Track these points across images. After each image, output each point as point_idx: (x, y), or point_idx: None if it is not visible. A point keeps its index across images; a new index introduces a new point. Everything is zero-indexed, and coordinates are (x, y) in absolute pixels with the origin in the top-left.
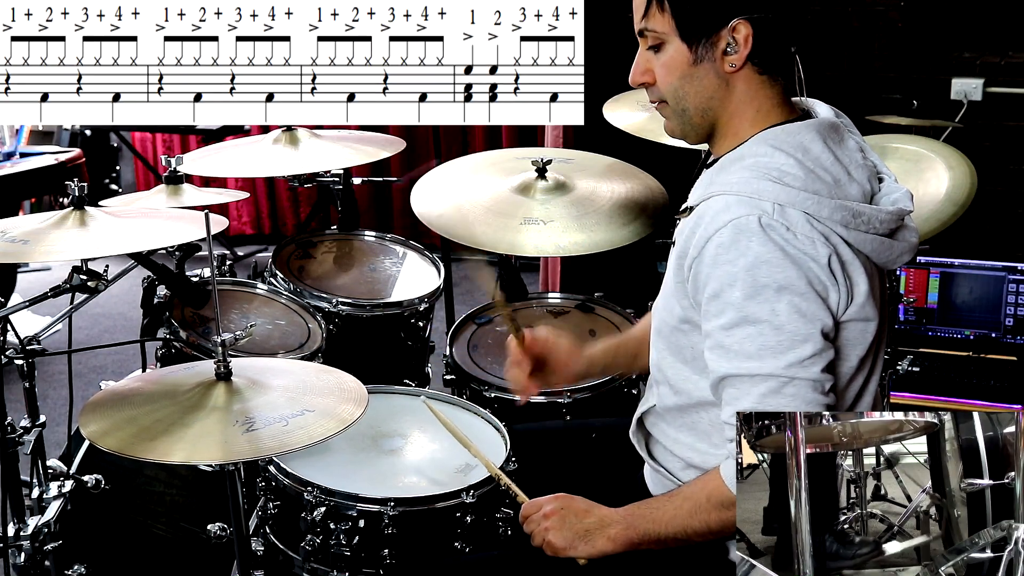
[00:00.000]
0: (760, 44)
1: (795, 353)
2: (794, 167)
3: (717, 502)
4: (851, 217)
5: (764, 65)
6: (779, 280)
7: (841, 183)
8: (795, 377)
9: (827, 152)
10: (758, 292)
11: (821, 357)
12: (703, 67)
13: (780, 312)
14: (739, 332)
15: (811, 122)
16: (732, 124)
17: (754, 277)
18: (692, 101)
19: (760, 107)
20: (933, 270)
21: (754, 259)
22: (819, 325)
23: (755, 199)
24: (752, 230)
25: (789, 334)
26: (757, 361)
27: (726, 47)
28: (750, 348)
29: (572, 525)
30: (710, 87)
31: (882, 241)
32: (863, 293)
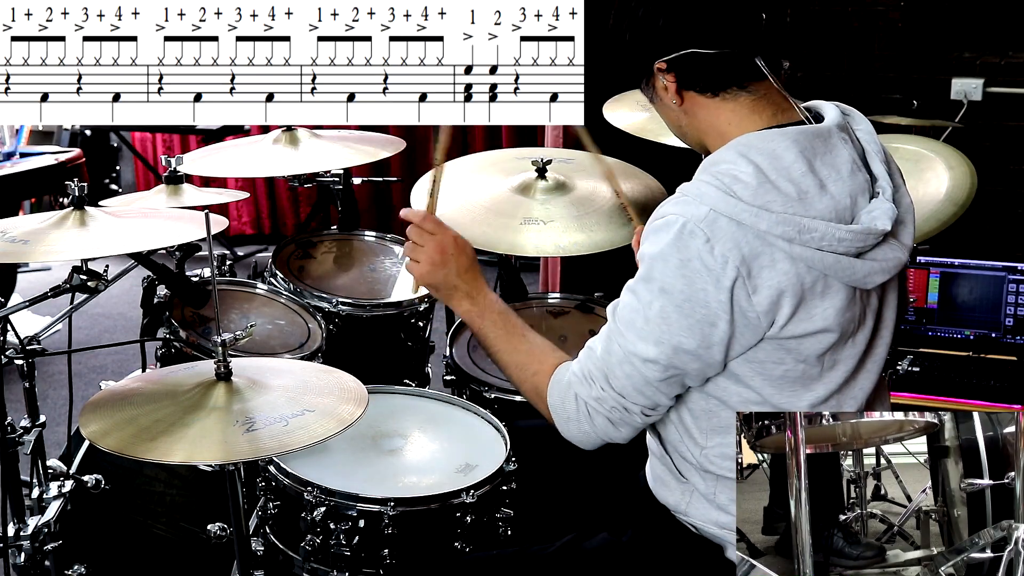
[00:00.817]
0: (689, 76)
1: (643, 346)
2: (751, 176)
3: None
4: (796, 233)
5: (710, 88)
6: (665, 283)
7: (807, 196)
8: (633, 365)
9: (800, 161)
10: (648, 280)
11: (662, 368)
12: (660, 104)
13: (652, 307)
14: (628, 296)
15: (789, 129)
16: (719, 139)
17: (651, 267)
18: (673, 129)
19: (730, 120)
20: (933, 270)
21: (658, 252)
22: (676, 340)
23: (695, 203)
24: (672, 229)
25: (649, 329)
26: (622, 326)
27: (665, 85)
28: (625, 314)
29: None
30: (674, 117)
31: (838, 259)
32: (786, 315)
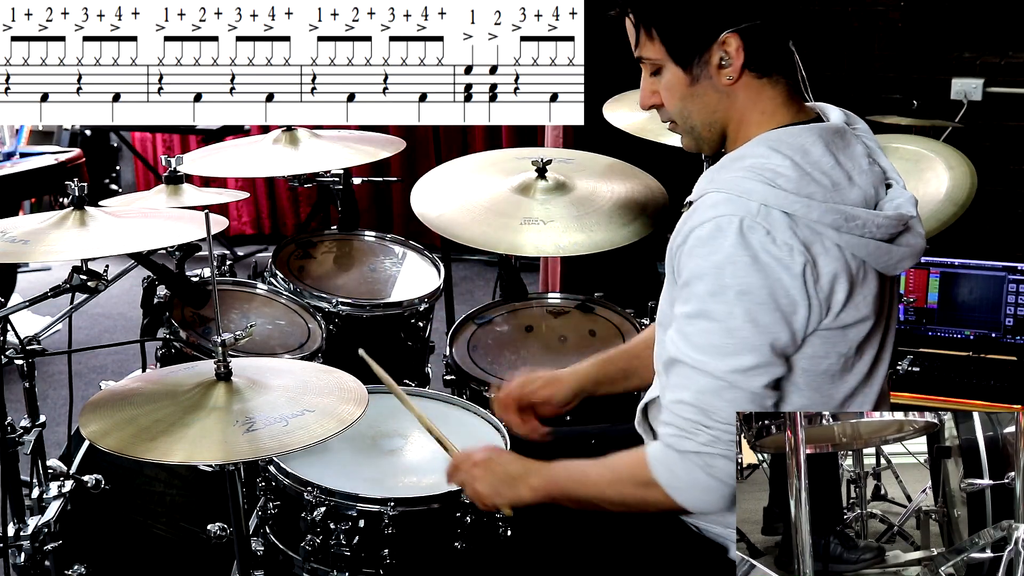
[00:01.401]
0: (753, 51)
1: (739, 360)
2: (789, 169)
3: (635, 479)
4: (843, 220)
5: (762, 69)
6: (742, 285)
7: (840, 187)
8: (734, 384)
9: (828, 156)
10: (720, 291)
11: (766, 371)
12: (702, 85)
13: (736, 316)
14: (697, 324)
15: (814, 126)
16: (741, 129)
17: (720, 276)
18: (698, 118)
19: (764, 109)
20: (933, 270)
21: (724, 258)
22: (770, 338)
23: (743, 199)
24: (730, 230)
25: (739, 340)
26: (706, 356)
27: (720, 61)
28: (701, 342)
29: (497, 473)
30: (712, 102)
31: (878, 246)
32: (840, 302)
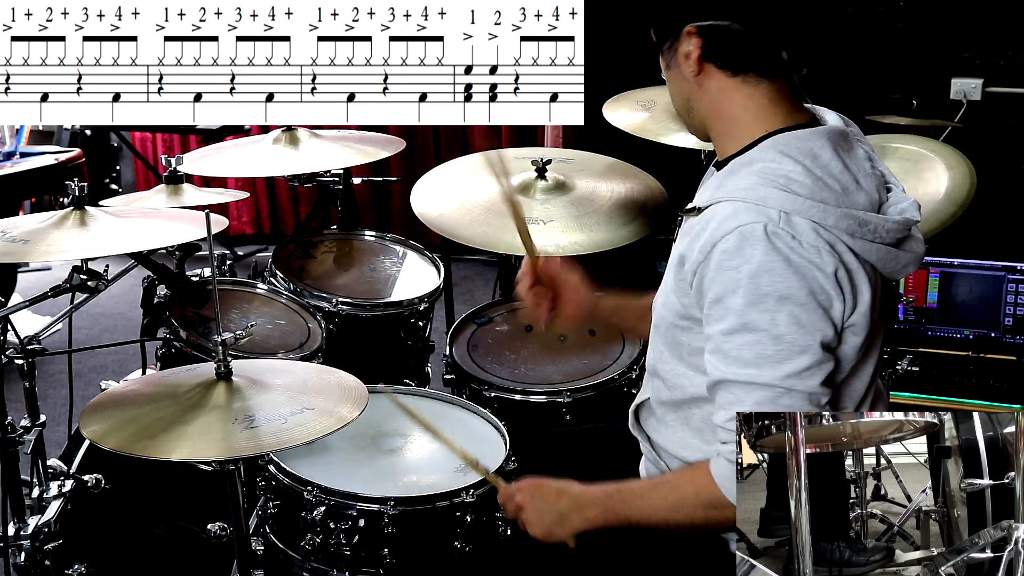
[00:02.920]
0: (717, 49)
1: (792, 364)
2: (801, 174)
3: (705, 500)
4: (857, 226)
5: (734, 68)
6: (780, 290)
7: (849, 191)
8: (792, 389)
9: (836, 160)
10: (759, 300)
11: (819, 369)
12: (674, 71)
13: (780, 322)
14: (738, 339)
15: (821, 129)
16: (725, 125)
17: (756, 285)
18: (677, 102)
19: (747, 105)
20: (933, 270)
21: (757, 267)
22: (819, 336)
23: (761, 206)
24: (757, 238)
25: (788, 344)
26: (755, 369)
27: (687, 52)
28: (748, 356)
29: (545, 511)
30: (685, 89)
31: (888, 251)
32: (866, 303)
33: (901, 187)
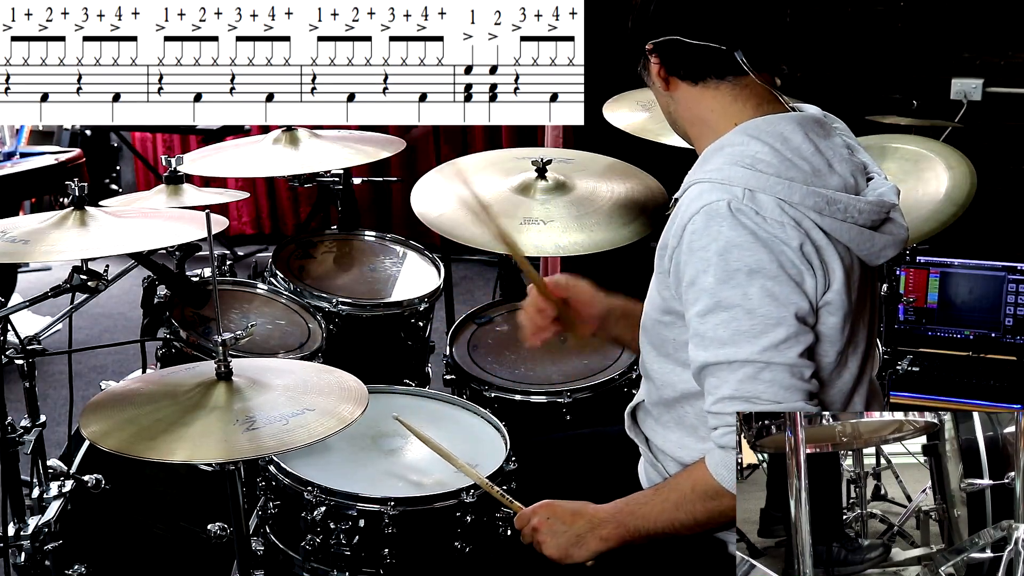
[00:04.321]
0: (674, 62)
1: (768, 337)
2: (769, 154)
3: (702, 492)
4: (824, 204)
5: (693, 77)
6: (750, 263)
7: (820, 173)
8: (771, 362)
9: (807, 143)
10: (730, 276)
11: (797, 341)
12: (653, 88)
13: (752, 296)
14: (713, 318)
15: (792, 114)
16: (699, 129)
17: (726, 261)
18: (665, 115)
19: (713, 107)
20: (933, 270)
21: (725, 243)
22: (792, 309)
23: (726, 184)
24: (722, 214)
25: (762, 318)
26: (732, 347)
27: (654, 69)
28: (724, 334)
29: (561, 533)
30: (663, 103)
31: (861, 231)
32: (840, 280)
33: (883, 174)
